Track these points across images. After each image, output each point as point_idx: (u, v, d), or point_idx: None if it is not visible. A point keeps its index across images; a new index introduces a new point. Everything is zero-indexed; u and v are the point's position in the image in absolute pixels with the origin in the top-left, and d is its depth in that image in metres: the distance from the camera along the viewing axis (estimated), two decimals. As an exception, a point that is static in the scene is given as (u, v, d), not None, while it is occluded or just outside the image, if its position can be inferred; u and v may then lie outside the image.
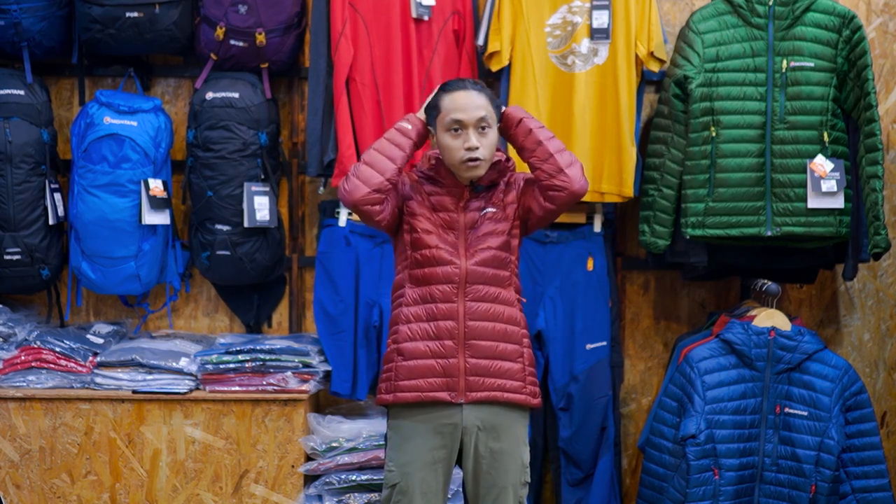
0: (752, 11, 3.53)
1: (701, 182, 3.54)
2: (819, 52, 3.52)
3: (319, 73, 3.79)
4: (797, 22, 3.53)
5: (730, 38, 3.55)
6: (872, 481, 3.48)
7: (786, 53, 3.52)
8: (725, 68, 3.54)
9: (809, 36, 3.52)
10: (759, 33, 3.53)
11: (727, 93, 3.53)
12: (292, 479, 3.71)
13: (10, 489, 3.70)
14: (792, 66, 3.51)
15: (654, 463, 3.55)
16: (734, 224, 3.55)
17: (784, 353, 3.47)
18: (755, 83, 3.53)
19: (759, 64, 3.53)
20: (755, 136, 3.53)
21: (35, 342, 3.78)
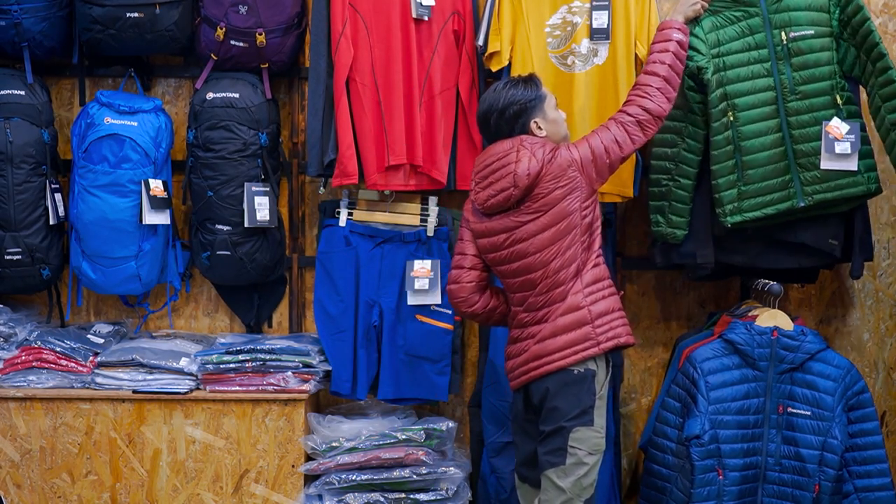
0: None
1: (730, 168, 3.53)
2: (815, 19, 3.51)
3: (319, 74, 3.79)
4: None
5: (725, 20, 3.54)
6: (875, 480, 3.49)
7: (782, 25, 3.51)
8: (729, 51, 3.53)
9: (802, 5, 3.51)
10: (753, 10, 3.52)
11: (736, 75, 3.52)
12: (292, 478, 3.71)
13: (11, 489, 3.70)
14: (792, 36, 3.50)
15: (657, 463, 3.55)
16: (768, 203, 3.54)
17: (787, 353, 3.47)
18: (760, 60, 3.52)
19: (760, 40, 3.52)
20: (771, 112, 3.53)
21: (36, 342, 3.78)
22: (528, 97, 3.21)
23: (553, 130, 3.25)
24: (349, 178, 3.75)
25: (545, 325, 3.17)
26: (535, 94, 3.23)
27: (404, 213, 3.93)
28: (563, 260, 3.16)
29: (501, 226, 3.20)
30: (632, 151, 3.26)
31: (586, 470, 3.11)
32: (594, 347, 3.14)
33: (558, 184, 3.14)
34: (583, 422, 3.10)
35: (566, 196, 3.15)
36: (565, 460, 3.10)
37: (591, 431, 3.11)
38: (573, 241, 3.17)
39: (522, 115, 3.20)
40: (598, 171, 3.21)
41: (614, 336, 3.18)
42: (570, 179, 3.15)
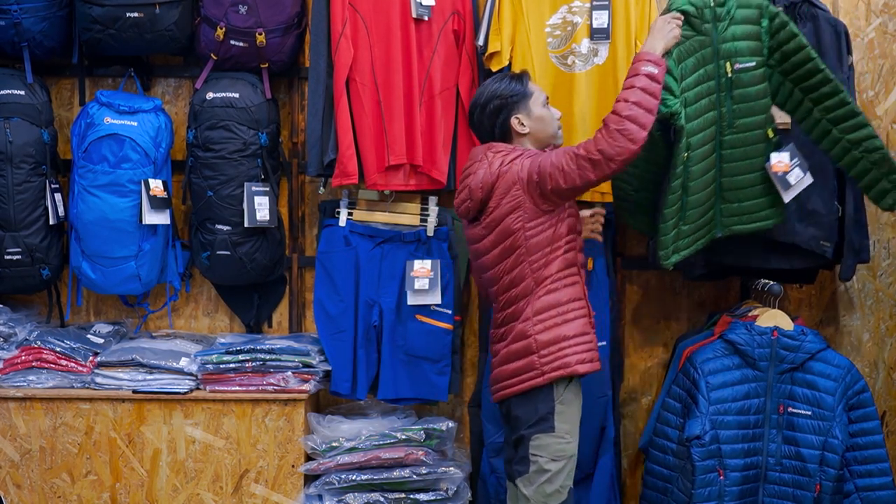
0: (702, 19, 3.28)
1: (676, 210, 3.33)
2: (754, 49, 3.34)
3: (319, 74, 3.79)
4: (731, 21, 3.31)
5: (686, 51, 3.27)
6: (876, 479, 3.49)
7: (728, 56, 3.32)
8: (688, 86, 3.28)
9: (741, 33, 3.32)
10: (706, 39, 3.29)
11: (693, 111, 3.29)
12: (292, 478, 3.71)
13: (11, 489, 3.70)
14: (737, 68, 3.32)
15: (658, 464, 3.55)
16: (699, 237, 3.45)
17: (787, 353, 3.47)
18: (708, 93, 3.33)
19: (710, 72, 3.32)
20: (711, 148, 3.37)
21: (35, 342, 3.78)
22: (511, 92, 3.17)
23: (538, 128, 3.20)
24: (349, 178, 3.75)
25: (503, 346, 3.18)
26: (519, 90, 3.18)
27: (404, 213, 3.93)
28: (511, 279, 3.12)
29: (471, 235, 3.22)
30: (578, 187, 3.03)
31: (548, 476, 3.06)
32: (538, 378, 3.07)
33: (504, 199, 3.07)
34: (542, 429, 3.06)
35: (510, 213, 3.08)
36: (528, 468, 3.09)
37: (551, 438, 3.06)
38: (517, 262, 3.10)
39: (503, 110, 3.17)
40: (543, 195, 3.05)
41: (561, 366, 3.07)
42: (514, 197, 3.07)
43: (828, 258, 3.73)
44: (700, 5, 3.26)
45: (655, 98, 3.03)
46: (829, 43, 3.68)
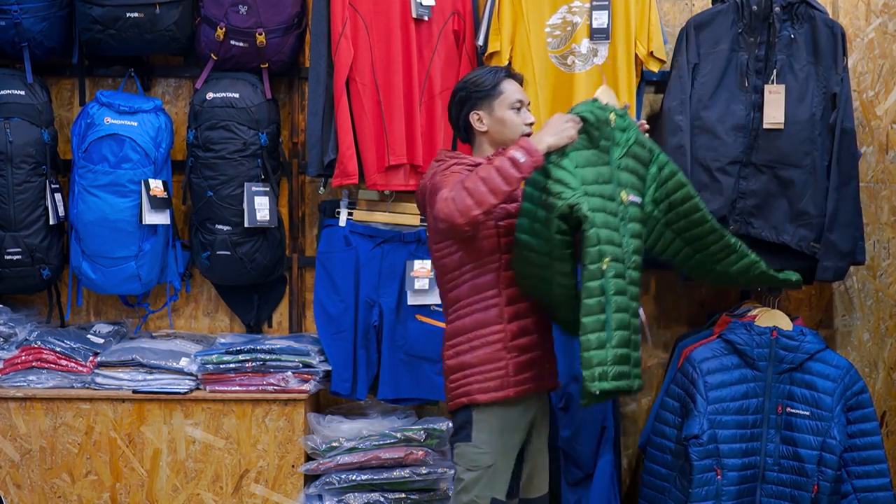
0: (602, 135, 2.89)
1: (599, 324, 2.81)
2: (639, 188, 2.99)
3: (319, 74, 3.79)
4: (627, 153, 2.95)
5: (588, 159, 2.87)
6: (874, 480, 3.49)
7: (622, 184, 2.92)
8: (594, 193, 2.85)
9: (632, 167, 2.97)
10: (604, 157, 2.90)
11: (604, 221, 2.84)
12: (292, 478, 3.71)
13: (11, 489, 3.70)
14: (630, 200, 2.93)
15: (657, 463, 3.55)
16: (626, 374, 2.87)
17: (786, 353, 3.47)
18: (613, 213, 2.88)
19: (610, 192, 2.89)
20: (621, 272, 2.88)
21: (35, 342, 3.78)
22: (477, 86, 3.01)
23: (497, 130, 3.01)
24: (349, 178, 3.75)
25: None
26: (486, 85, 3.00)
27: (404, 213, 3.93)
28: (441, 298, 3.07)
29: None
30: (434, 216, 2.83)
31: (463, 485, 2.96)
32: (450, 402, 3.01)
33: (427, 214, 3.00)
34: (460, 437, 2.98)
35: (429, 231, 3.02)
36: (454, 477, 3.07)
37: (468, 447, 2.96)
38: (439, 281, 3.03)
39: (466, 103, 3.03)
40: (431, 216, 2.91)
41: (463, 394, 2.95)
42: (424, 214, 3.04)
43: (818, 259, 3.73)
44: (602, 119, 2.88)
45: (508, 184, 2.74)
46: (826, 44, 3.68)
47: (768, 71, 3.70)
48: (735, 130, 3.71)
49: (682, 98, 3.69)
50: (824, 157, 3.70)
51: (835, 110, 3.69)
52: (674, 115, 3.68)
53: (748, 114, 3.70)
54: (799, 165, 3.69)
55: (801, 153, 3.69)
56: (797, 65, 3.69)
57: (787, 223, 3.71)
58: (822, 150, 3.70)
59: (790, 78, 3.69)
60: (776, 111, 3.68)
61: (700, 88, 3.71)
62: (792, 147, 3.68)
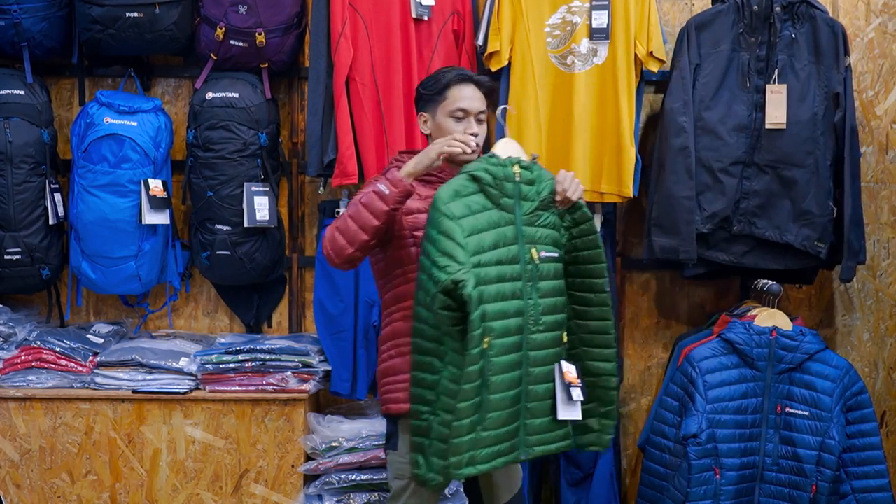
0: (501, 190, 2.76)
1: (474, 408, 2.69)
2: (556, 239, 2.85)
3: (319, 73, 3.79)
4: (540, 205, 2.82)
5: (483, 223, 2.74)
6: (873, 481, 3.49)
7: (533, 242, 2.81)
8: (487, 262, 2.72)
9: (548, 221, 2.84)
10: (508, 216, 2.77)
11: (495, 292, 2.73)
12: (292, 478, 3.71)
13: (10, 489, 3.70)
14: (542, 256, 2.80)
15: (655, 462, 3.55)
16: (499, 454, 2.77)
17: (785, 353, 3.47)
18: (513, 277, 2.77)
19: (514, 253, 2.77)
20: (516, 343, 2.77)
21: (35, 342, 3.78)
22: (427, 85, 2.98)
23: (437, 135, 2.94)
24: (349, 178, 3.75)
25: None
26: (434, 89, 2.95)
27: (404, 213, 3.92)
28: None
29: None
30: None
31: (392, 493, 2.95)
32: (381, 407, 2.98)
33: None
34: (389, 445, 2.97)
35: None
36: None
37: (395, 456, 2.94)
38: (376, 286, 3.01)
39: (418, 102, 3.03)
40: None
41: (391, 401, 2.91)
42: None
43: (821, 259, 3.74)
44: (499, 176, 2.76)
45: (377, 218, 2.73)
46: (827, 44, 3.69)
47: (769, 71, 3.70)
48: (737, 131, 3.71)
49: (685, 99, 3.69)
50: (826, 157, 3.71)
51: (838, 109, 3.70)
52: (677, 117, 3.68)
53: (750, 114, 3.70)
54: (801, 165, 3.69)
55: (803, 153, 3.69)
56: (798, 64, 3.69)
57: (790, 223, 3.71)
58: (824, 149, 3.70)
59: (791, 78, 3.69)
60: (778, 111, 3.68)
61: (702, 89, 3.71)
62: (794, 147, 3.68)
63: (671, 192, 3.68)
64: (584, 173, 3.74)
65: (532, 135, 3.75)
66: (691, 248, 3.67)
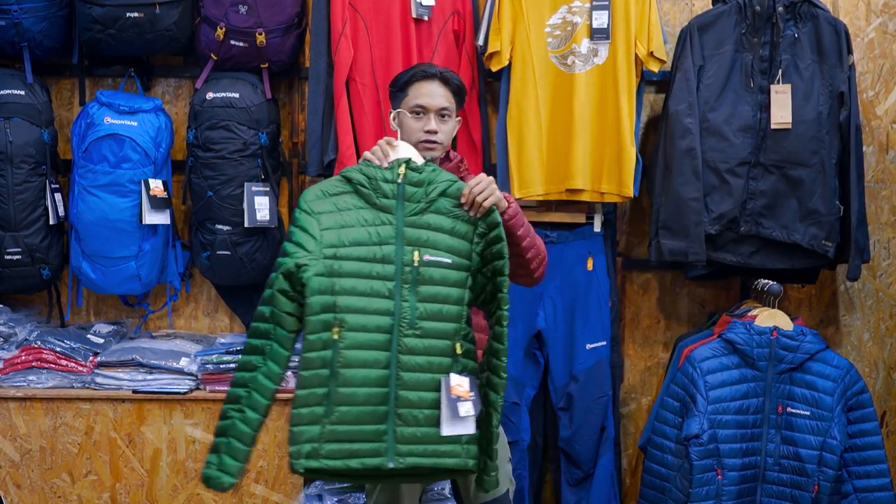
0: (376, 190, 2.75)
1: (318, 398, 2.68)
2: (456, 247, 2.75)
3: (319, 73, 3.79)
4: (431, 209, 2.76)
5: (352, 220, 2.74)
6: (874, 481, 3.49)
7: (417, 244, 2.73)
8: (350, 255, 2.72)
9: (442, 226, 2.75)
10: (385, 216, 2.74)
11: (352, 286, 2.70)
12: (292, 478, 3.71)
13: (11, 489, 3.70)
14: (426, 259, 2.73)
15: (657, 463, 3.55)
16: (355, 453, 2.69)
17: (786, 353, 3.47)
18: (384, 276, 2.71)
19: (389, 254, 2.72)
20: (383, 342, 2.70)
21: (35, 342, 3.78)
22: (395, 81, 2.98)
23: (401, 132, 2.94)
24: (349, 178, 3.75)
25: None
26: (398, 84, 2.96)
27: (404, 213, 3.92)
28: None
29: None
30: None
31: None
32: None
33: None
34: None
35: None
36: None
37: None
38: None
39: (390, 98, 3.02)
40: None
41: None
42: None
43: (829, 258, 3.74)
44: (376, 177, 2.75)
45: None
46: (830, 43, 3.69)
47: (773, 71, 3.70)
48: (742, 131, 3.71)
49: (690, 100, 3.69)
50: (832, 156, 3.71)
51: (843, 108, 3.70)
52: (682, 118, 3.68)
53: (755, 114, 3.71)
54: (807, 164, 3.69)
55: (809, 152, 3.69)
56: (802, 64, 3.69)
57: (797, 222, 3.71)
58: (829, 148, 3.70)
59: (795, 77, 3.69)
60: (783, 111, 3.68)
61: (706, 90, 3.71)
62: (800, 146, 3.69)
63: (679, 194, 3.69)
64: (585, 173, 3.74)
65: (532, 135, 3.75)
66: (700, 249, 3.67)
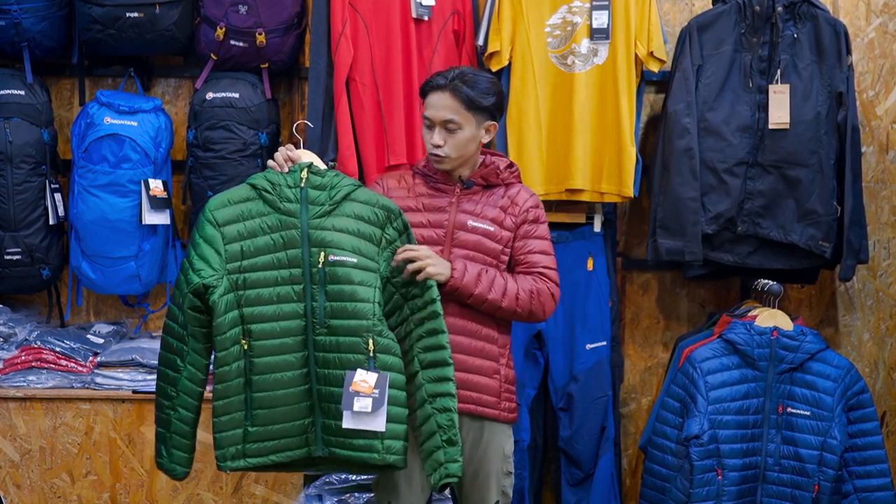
0: (280, 196, 2.79)
1: (237, 405, 2.78)
2: (361, 248, 2.80)
3: (319, 73, 3.78)
4: (336, 212, 2.80)
5: (256, 228, 2.79)
6: (875, 480, 3.49)
7: (321, 245, 2.78)
8: (254, 267, 2.78)
9: (347, 227, 2.80)
10: (290, 220, 2.78)
11: (258, 296, 2.77)
12: (292, 478, 3.71)
13: (11, 489, 3.70)
14: (331, 259, 2.77)
15: (657, 463, 3.55)
16: (281, 448, 2.82)
17: (787, 353, 3.47)
18: (292, 281, 2.78)
19: (294, 257, 2.78)
20: (296, 344, 2.79)
21: (35, 342, 3.78)
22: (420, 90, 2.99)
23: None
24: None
25: None
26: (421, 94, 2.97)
27: (404, 213, 3.92)
28: None
29: None
30: None
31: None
32: None
33: None
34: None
35: None
36: None
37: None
38: None
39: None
40: None
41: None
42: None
43: (826, 258, 3.74)
44: (279, 183, 2.80)
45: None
46: (829, 43, 3.69)
47: (772, 71, 3.70)
48: (741, 131, 3.71)
49: (689, 100, 3.69)
50: (830, 156, 3.71)
51: (841, 108, 3.70)
52: (681, 118, 3.68)
53: (753, 114, 3.71)
54: (806, 164, 3.69)
55: (807, 152, 3.69)
56: (801, 64, 3.69)
57: (795, 223, 3.71)
58: (828, 148, 3.71)
59: (794, 77, 3.69)
60: (781, 111, 3.68)
61: (704, 90, 3.71)
62: (798, 146, 3.69)
63: (676, 193, 3.69)
64: (585, 173, 3.74)
65: (532, 135, 3.76)
66: (697, 249, 3.68)
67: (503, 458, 3.00)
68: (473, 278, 2.86)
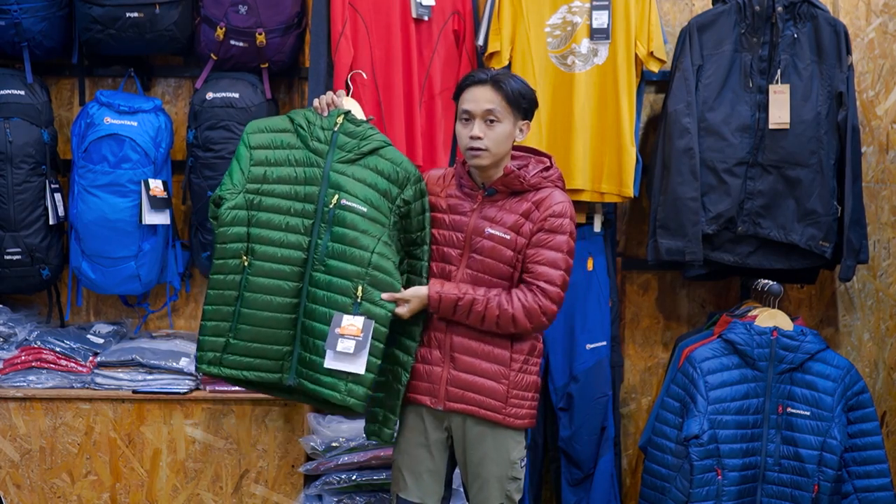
0: (312, 135, 2.99)
1: (225, 314, 2.95)
2: (372, 199, 2.95)
3: (319, 73, 3.78)
4: (361, 159, 2.98)
5: (283, 158, 2.99)
6: (874, 481, 3.49)
7: (337, 187, 2.94)
8: (272, 192, 2.97)
9: (365, 178, 2.95)
10: (316, 159, 2.97)
11: (268, 220, 2.95)
12: (292, 479, 3.71)
13: (11, 489, 3.70)
14: (342, 203, 2.93)
15: (657, 463, 3.55)
16: (255, 367, 2.97)
17: (786, 353, 3.47)
18: (303, 214, 2.95)
19: (312, 194, 2.95)
20: (293, 274, 2.94)
21: (35, 342, 3.78)
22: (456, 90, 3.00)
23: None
24: (349, 178, 3.75)
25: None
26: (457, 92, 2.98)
27: (404, 213, 3.92)
28: None
29: None
30: None
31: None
32: None
33: None
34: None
35: None
36: None
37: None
38: None
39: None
40: None
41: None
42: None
43: (826, 258, 3.74)
44: (315, 123, 3.00)
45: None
46: (829, 43, 3.69)
47: (772, 71, 3.70)
48: (741, 131, 3.71)
49: (689, 100, 3.69)
50: (830, 156, 3.71)
51: (841, 108, 3.70)
52: (681, 118, 3.68)
53: (753, 114, 3.71)
54: (806, 165, 3.70)
55: (807, 152, 3.69)
56: (801, 64, 3.70)
57: (795, 222, 3.71)
58: (828, 148, 3.71)
59: (794, 77, 3.69)
60: (781, 111, 3.68)
61: (704, 90, 3.71)
62: (798, 146, 3.69)
63: (676, 193, 3.69)
64: (585, 173, 3.74)
65: (533, 134, 3.75)
66: (698, 249, 3.68)
67: (508, 463, 2.99)
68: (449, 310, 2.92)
